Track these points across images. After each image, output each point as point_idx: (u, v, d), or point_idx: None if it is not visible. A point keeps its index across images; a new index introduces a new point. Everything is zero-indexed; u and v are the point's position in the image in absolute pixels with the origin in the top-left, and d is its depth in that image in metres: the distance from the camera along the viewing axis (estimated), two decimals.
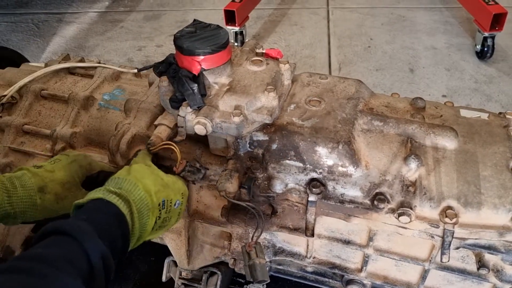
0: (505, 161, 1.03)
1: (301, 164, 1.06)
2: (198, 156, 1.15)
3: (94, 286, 0.70)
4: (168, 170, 1.03)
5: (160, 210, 0.91)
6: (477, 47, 2.75)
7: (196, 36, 1.08)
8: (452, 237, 0.98)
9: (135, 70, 1.44)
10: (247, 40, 2.89)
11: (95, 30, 3.30)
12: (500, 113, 1.17)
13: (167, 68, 1.12)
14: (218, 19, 2.96)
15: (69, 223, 0.74)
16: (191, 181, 1.11)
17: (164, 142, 1.06)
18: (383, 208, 1.01)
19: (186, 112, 1.06)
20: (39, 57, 2.97)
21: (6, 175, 0.96)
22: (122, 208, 0.82)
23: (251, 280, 1.01)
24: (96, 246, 0.72)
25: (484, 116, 1.15)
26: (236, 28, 2.79)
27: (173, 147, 1.05)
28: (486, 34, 2.63)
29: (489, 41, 2.67)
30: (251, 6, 3.01)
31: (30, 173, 0.98)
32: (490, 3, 2.61)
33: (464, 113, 1.16)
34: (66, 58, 1.52)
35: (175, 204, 0.95)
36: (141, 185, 0.88)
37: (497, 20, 2.56)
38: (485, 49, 2.71)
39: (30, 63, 1.62)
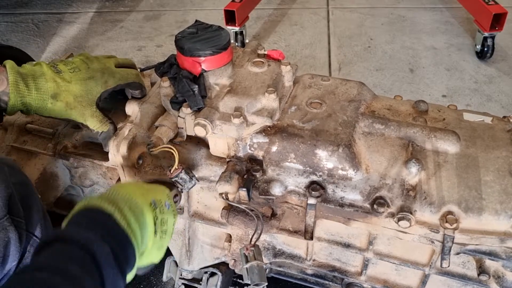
0: (507, 166, 1.02)
1: (301, 167, 1.05)
2: (198, 157, 1.14)
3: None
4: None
5: (154, 210, 0.87)
6: (477, 47, 2.74)
7: (197, 37, 1.08)
8: (452, 243, 0.97)
9: (138, 70, 1.43)
10: (247, 40, 2.90)
11: (95, 30, 3.29)
12: (504, 117, 1.16)
13: (168, 68, 1.12)
14: (218, 19, 2.95)
15: (71, 232, 0.74)
16: (179, 189, 1.06)
17: (164, 145, 1.06)
18: (383, 212, 1.00)
19: (186, 113, 1.06)
20: (39, 57, 2.96)
21: (24, 71, 1.04)
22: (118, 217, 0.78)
23: (249, 282, 1.01)
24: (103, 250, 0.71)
25: (488, 120, 1.14)
26: (236, 28, 2.78)
27: (172, 150, 1.04)
28: (486, 34, 2.62)
29: (489, 41, 2.67)
30: (251, 6, 3.00)
31: (48, 77, 1.04)
32: (490, 3, 2.60)
33: (467, 116, 1.15)
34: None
35: (165, 205, 0.92)
36: (124, 190, 0.85)
37: (497, 20, 2.55)
38: (485, 49, 2.70)
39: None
